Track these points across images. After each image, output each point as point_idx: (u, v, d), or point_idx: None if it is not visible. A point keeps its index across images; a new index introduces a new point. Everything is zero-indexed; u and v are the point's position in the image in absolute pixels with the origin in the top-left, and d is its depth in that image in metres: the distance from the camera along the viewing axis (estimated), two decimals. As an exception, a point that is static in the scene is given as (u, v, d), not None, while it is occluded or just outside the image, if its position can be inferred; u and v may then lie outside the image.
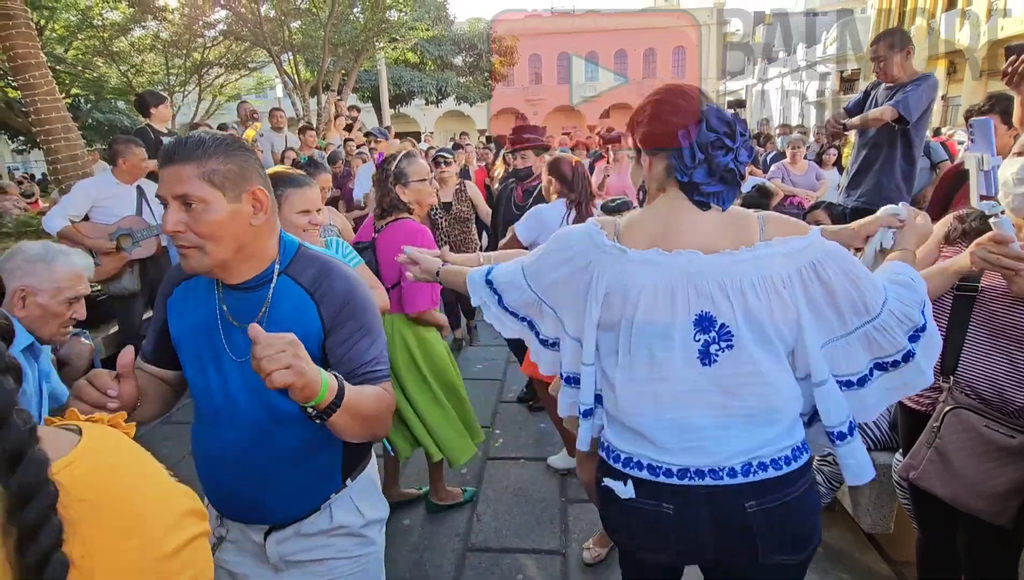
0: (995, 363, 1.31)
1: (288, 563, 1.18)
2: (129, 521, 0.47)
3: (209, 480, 1.14)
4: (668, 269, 1.00)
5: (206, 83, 13.40)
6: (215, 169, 0.97)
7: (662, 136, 1.03)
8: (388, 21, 11.74)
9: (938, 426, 1.37)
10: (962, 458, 1.33)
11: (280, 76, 11.21)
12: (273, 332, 0.92)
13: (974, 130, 1.35)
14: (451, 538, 2.31)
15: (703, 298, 0.99)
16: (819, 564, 2.12)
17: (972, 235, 1.41)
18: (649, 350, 1.02)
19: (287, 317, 1.07)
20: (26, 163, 21.02)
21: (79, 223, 3.39)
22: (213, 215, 0.97)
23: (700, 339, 1.00)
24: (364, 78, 16.52)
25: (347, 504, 1.20)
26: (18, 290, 1.43)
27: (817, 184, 5.04)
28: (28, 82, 4.53)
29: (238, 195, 0.99)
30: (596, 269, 1.04)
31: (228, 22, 11.44)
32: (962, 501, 1.34)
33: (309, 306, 1.09)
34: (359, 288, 1.14)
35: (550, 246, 1.14)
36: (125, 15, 11.05)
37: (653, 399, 1.04)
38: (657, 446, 1.04)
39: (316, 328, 1.08)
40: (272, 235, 1.09)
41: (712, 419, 1.03)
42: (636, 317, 1.01)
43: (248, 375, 1.04)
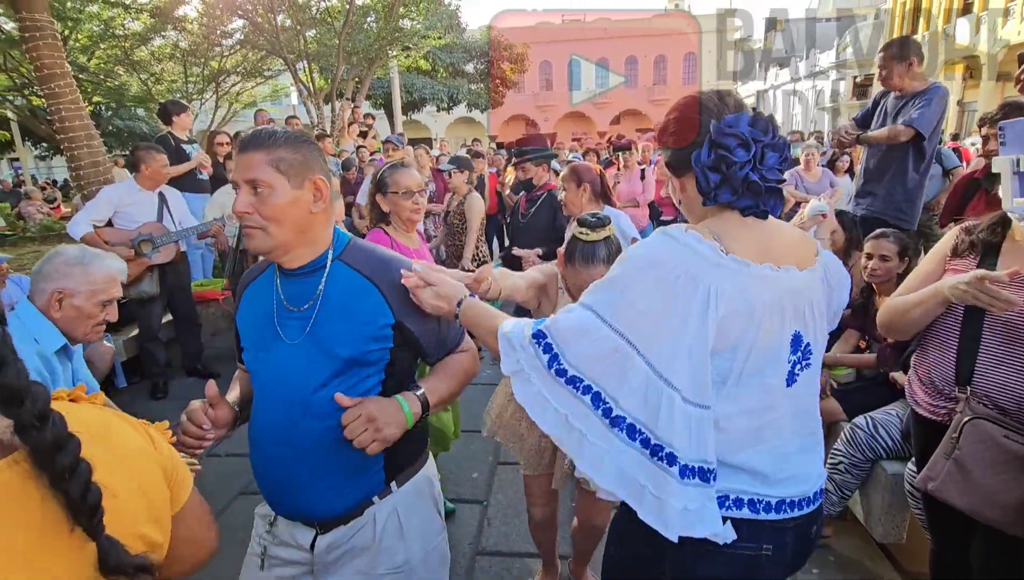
0: (1011, 372, 1.31)
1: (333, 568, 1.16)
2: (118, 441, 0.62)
3: (257, 463, 1.16)
4: (778, 286, 0.90)
5: (223, 91, 13.64)
6: (282, 157, 1.05)
7: (682, 161, 0.96)
8: (401, 30, 11.90)
9: (956, 437, 1.35)
10: (981, 469, 1.31)
11: (295, 84, 11.40)
12: (328, 309, 1.10)
13: (1005, 132, 1.31)
14: (461, 542, 2.33)
15: (798, 317, 0.93)
16: (830, 573, 2.11)
17: (980, 247, 1.42)
18: (760, 376, 0.90)
19: (342, 300, 1.12)
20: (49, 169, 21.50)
21: (101, 228, 3.48)
22: (277, 199, 1.04)
23: (791, 360, 0.93)
24: (377, 85, 16.72)
25: (392, 520, 1.16)
26: (55, 292, 1.48)
27: (830, 190, 5.02)
28: (53, 91, 4.66)
29: (301, 182, 1.06)
30: (710, 285, 0.85)
31: (245, 31, 11.66)
32: (980, 512, 1.32)
33: (370, 290, 1.13)
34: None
35: (631, 267, 0.89)
36: (146, 25, 11.31)
37: (757, 430, 0.92)
38: (757, 478, 0.92)
39: (384, 311, 1.12)
40: (328, 224, 1.15)
41: (797, 444, 0.96)
42: (757, 340, 0.88)
43: (295, 359, 1.11)
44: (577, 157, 6.74)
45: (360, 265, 1.15)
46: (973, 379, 1.36)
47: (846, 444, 2.18)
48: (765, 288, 0.88)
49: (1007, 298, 1.22)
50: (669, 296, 0.85)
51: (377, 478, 1.16)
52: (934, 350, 1.47)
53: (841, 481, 2.18)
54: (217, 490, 2.66)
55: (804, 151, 5.36)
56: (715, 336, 0.85)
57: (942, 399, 1.44)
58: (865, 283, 2.54)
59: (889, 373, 2.31)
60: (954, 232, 1.49)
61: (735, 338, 0.87)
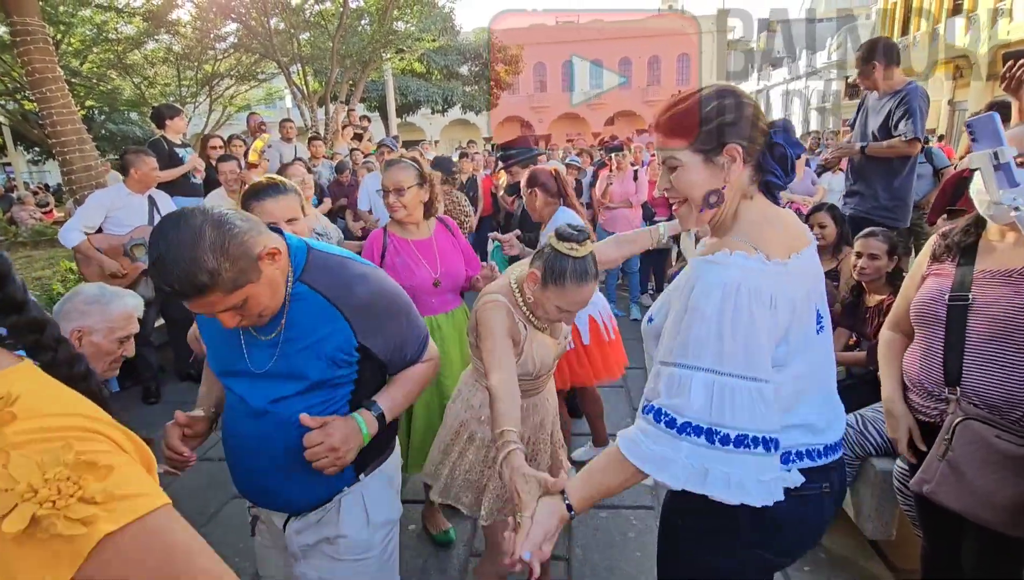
0: (996, 368, 1.32)
1: (304, 551, 1.26)
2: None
3: (232, 467, 1.25)
4: (804, 274, 1.03)
5: (216, 94, 13.61)
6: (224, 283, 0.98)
7: (755, 137, 1.00)
8: (395, 32, 11.91)
9: (949, 438, 1.36)
10: (974, 470, 1.32)
11: (289, 87, 11.38)
12: (294, 335, 1.11)
13: (975, 130, 1.32)
14: (456, 544, 2.33)
15: (816, 294, 1.07)
16: (823, 571, 2.12)
17: (955, 250, 1.44)
18: (803, 352, 1.01)
19: (307, 325, 1.14)
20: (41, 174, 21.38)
21: (92, 235, 3.47)
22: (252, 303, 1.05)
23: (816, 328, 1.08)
24: (371, 88, 16.71)
25: (357, 505, 1.25)
26: (75, 331, 1.49)
27: (813, 189, 5.06)
28: (45, 95, 4.64)
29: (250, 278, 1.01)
30: (772, 293, 0.95)
31: (239, 35, 11.64)
32: (975, 513, 1.33)
33: (331, 312, 1.14)
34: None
35: (742, 306, 0.91)
36: (139, 29, 11.27)
37: (801, 391, 1.04)
38: (809, 431, 1.05)
39: (348, 335, 1.14)
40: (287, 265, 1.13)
41: (831, 389, 1.12)
42: (800, 326, 1.00)
43: (265, 383, 1.14)
44: (574, 160, 6.75)
45: (322, 287, 1.14)
46: (962, 379, 1.37)
47: (836, 442, 2.20)
48: (799, 283, 1.00)
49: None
50: (750, 319, 0.92)
51: (347, 474, 1.23)
52: (922, 352, 1.48)
53: (832, 479, 2.20)
54: (211, 493, 2.67)
55: None
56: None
57: (933, 400, 1.45)
58: (855, 281, 2.56)
59: (878, 371, 2.33)
60: (932, 239, 1.52)
61: (785, 330, 0.98)
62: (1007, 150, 1.27)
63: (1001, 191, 1.28)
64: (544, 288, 1.40)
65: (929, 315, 1.44)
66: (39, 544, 0.44)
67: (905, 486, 1.83)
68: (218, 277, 0.94)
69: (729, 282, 0.93)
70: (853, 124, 3.37)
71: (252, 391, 1.15)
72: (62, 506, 0.45)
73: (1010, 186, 1.26)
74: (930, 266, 1.50)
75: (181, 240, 0.92)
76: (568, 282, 1.37)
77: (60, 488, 0.45)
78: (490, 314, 1.43)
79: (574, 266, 1.37)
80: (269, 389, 1.14)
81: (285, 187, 1.67)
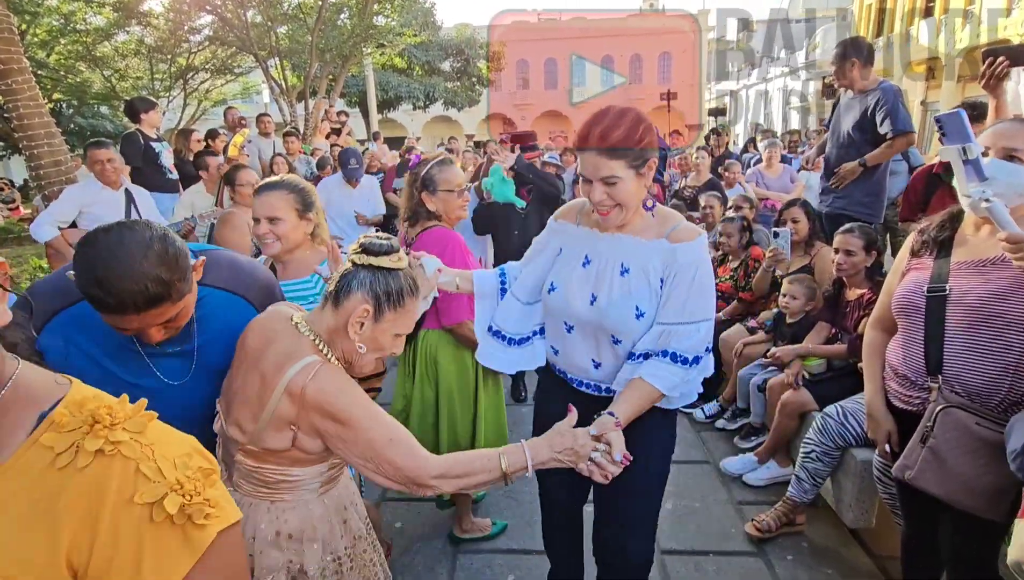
0: (976, 355, 1.36)
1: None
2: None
3: None
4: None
5: (191, 88, 13.29)
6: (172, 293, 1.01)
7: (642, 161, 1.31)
8: (375, 27, 11.74)
9: (931, 425, 1.39)
10: (955, 456, 1.35)
11: (267, 81, 11.16)
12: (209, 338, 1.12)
13: (944, 125, 1.35)
14: (443, 540, 2.32)
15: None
16: (804, 560, 2.16)
17: (932, 245, 1.48)
18: None
19: (219, 321, 1.16)
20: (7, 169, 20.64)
21: (66, 229, 3.35)
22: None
23: None
24: (351, 83, 16.49)
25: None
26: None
27: (791, 186, 5.14)
28: (10, 87, 4.47)
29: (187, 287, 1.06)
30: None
31: (214, 27, 11.36)
32: (956, 499, 1.36)
33: (237, 301, 1.19)
34: (263, 269, 1.32)
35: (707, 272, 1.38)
36: (109, 20, 10.93)
37: None
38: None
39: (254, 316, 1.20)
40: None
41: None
42: None
43: (184, 395, 1.11)
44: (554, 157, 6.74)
45: (222, 283, 1.18)
46: (942, 368, 1.40)
47: (817, 433, 2.24)
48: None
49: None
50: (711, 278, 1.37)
51: None
52: (904, 343, 1.51)
53: (813, 469, 2.24)
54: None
55: (766, 149, 5.46)
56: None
57: (915, 390, 1.49)
58: (836, 276, 2.61)
59: (858, 363, 2.38)
60: (912, 235, 1.56)
61: None
62: (975, 146, 1.31)
63: (971, 185, 1.32)
64: (379, 321, 1.13)
65: (909, 307, 1.47)
66: (175, 529, 0.58)
67: (885, 475, 1.87)
68: (171, 288, 0.96)
69: (706, 256, 1.35)
70: (828, 124, 3.43)
71: (171, 404, 1.04)
72: (197, 501, 0.59)
73: (979, 180, 1.30)
74: (910, 262, 1.54)
75: (132, 253, 0.90)
76: (406, 300, 1.15)
77: (195, 487, 0.59)
78: (334, 382, 1.07)
79: (406, 279, 1.16)
80: (194, 398, 1.13)
81: (280, 184, 1.69)
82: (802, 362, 2.59)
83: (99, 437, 0.57)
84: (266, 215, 1.66)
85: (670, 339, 1.31)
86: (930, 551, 1.61)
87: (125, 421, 0.60)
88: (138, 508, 0.57)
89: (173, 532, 0.58)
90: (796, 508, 2.27)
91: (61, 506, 0.55)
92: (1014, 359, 1.31)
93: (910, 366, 1.49)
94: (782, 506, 2.29)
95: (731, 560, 2.17)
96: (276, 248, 1.68)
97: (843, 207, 3.20)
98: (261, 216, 1.67)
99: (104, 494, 0.56)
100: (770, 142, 5.68)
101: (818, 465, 2.23)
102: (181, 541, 0.58)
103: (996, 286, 1.33)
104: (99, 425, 0.58)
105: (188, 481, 0.59)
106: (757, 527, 2.26)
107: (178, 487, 0.58)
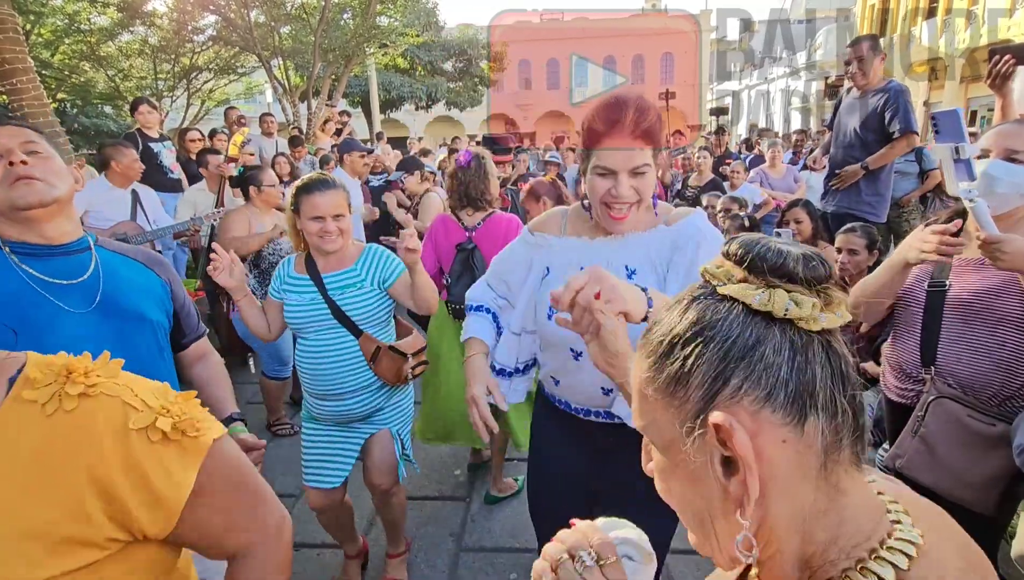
0: (969, 349, 1.37)
1: None
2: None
3: None
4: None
5: (195, 88, 13.32)
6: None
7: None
8: (378, 27, 11.77)
9: (923, 415, 1.41)
10: (946, 447, 1.37)
11: (270, 81, 11.19)
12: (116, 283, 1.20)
13: (939, 122, 1.37)
14: (445, 538, 2.33)
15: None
16: (806, 559, 2.16)
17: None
18: None
19: (125, 273, 1.24)
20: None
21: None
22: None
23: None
24: (354, 83, 16.51)
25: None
26: None
27: (795, 186, 5.14)
28: (15, 87, 4.50)
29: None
30: None
31: (217, 27, 11.40)
32: (946, 489, 1.37)
33: (143, 269, 1.29)
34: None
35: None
36: (113, 20, 10.97)
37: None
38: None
39: (162, 284, 1.31)
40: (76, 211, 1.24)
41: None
42: None
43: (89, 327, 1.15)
44: (555, 156, 6.76)
45: (122, 251, 1.29)
46: (937, 360, 1.43)
47: (820, 432, 2.24)
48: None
49: (959, 242, 1.32)
50: None
51: None
52: (902, 335, 1.53)
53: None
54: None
55: (769, 149, 5.46)
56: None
57: (910, 382, 1.51)
58: (838, 277, 2.60)
59: (860, 364, 2.38)
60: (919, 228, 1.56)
61: None
62: (968, 146, 1.33)
63: (960, 183, 1.33)
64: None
65: (909, 298, 1.50)
66: (174, 444, 0.65)
67: (888, 470, 1.87)
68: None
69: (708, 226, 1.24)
70: (831, 124, 3.42)
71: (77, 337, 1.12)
72: (186, 418, 0.66)
73: (969, 179, 1.32)
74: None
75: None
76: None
77: (180, 409, 0.66)
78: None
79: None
80: (101, 331, 1.15)
81: (334, 183, 1.75)
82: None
83: (78, 383, 0.61)
84: (332, 213, 1.74)
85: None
86: None
87: (97, 369, 0.64)
88: (134, 434, 0.62)
89: (171, 448, 0.64)
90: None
91: (60, 449, 0.59)
92: (1007, 354, 1.32)
93: (906, 358, 1.51)
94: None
95: (733, 559, 2.17)
96: (339, 243, 1.77)
97: (847, 206, 3.20)
98: (326, 214, 1.74)
99: (98, 430, 0.61)
100: (771, 142, 5.68)
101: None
102: (180, 453, 0.65)
103: (990, 283, 1.35)
104: (75, 373, 0.62)
105: (172, 405, 0.66)
106: (759, 526, 2.26)
107: (164, 411, 0.64)
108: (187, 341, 1.40)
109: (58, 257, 1.16)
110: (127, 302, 1.20)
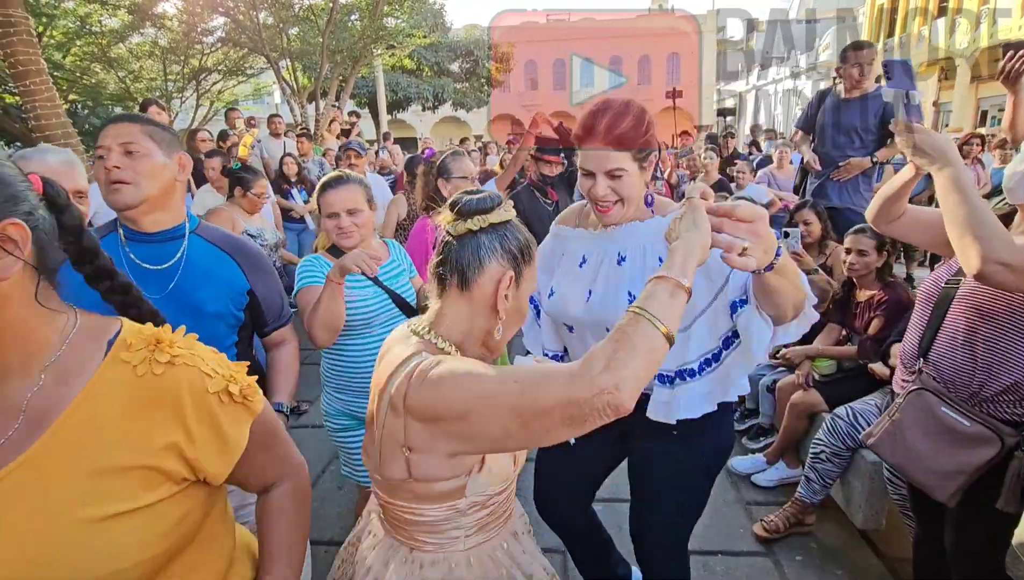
0: (961, 348, 1.39)
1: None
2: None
3: None
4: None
5: (204, 89, 13.42)
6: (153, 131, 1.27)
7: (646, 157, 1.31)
8: (385, 28, 11.82)
9: (901, 402, 1.48)
10: (915, 434, 1.43)
11: (278, 82, 11.26)
12: (190, 274, 1.30)
13: (891, 70, 1.40)
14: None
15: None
16: (813, 561, 2.15)
17: None
18: None
19: (203, 264, 1.33)
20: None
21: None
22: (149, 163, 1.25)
23: None
24: (361, 84, 16.60)
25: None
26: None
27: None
28: (28, 88, 4.55)
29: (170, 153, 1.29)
30: None
31: (226, 29, 11.48)
32: (906, 471, 1.46)
33: (227, 260, 1.37)
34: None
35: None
36: (124, 22, 11.07)
37: None
38: None
39: (240, 278, 1.38)
40: (183, 199, 1.35)
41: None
42: None
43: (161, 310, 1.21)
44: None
45: (215, 240, 1.37)
46: (929, 353, 1.46)
47: (827, 434, 2.23)
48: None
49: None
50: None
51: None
52: (912, 327, 1.56)
53: (823, 470, 2.23)
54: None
55: (777, 150, 5.45)
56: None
57: (906, 373, 1.55)
58: (846, 277, 2.59)
59: (868, 364, 2.37)
60: None
61: None
62: (917, 93, 1.38)
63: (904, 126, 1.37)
64: (519, 284, 0.96)
65: (926, 293, 1.53)
66: (237, 404, 0.80)
67: (895, 476, 1.87)
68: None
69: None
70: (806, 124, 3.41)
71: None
72: (246, 385, 0.82)
73: (918, 120, 1.35)
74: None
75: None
76: (533, 251, 0.99)
77: (240, 377, 0.81)
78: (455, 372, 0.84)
79: (520, 227, 1.00)
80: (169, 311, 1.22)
81: (348, 178, 1.76)
82: (812, 363, 2.58)
83: (165, 352, 0.75)
84: (346, 208, 1.72)
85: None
86: (943, 553, 1.60)
87: (178, 340, 0.78)
88: (211, 396, 0.77)
89: (237, 407, 0.80)
90: (805, 509, 2.27)
91: (151, 402, 0.73)
92: (982, 351, 1.34)
93: (906, 349, 1.55)
94: (791, 507, 2.28)
95: (740, 560, 2.17)
96: (356, 239, 1.75)
97: (852, 204, 3.19)
98: (340, 209, 1.72)
99: (182, 392, 0.74)
100: (781, 143, 5.66)
101: (828, 466, 2.22)
102: (243, 410, 0.81)
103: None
104: (163, 342, 0.76)
105: (234, 374, 0.81)
106: (765, 527, 2.25)
107: (232, 379, 0.80)
108: (268, 329, 1.51)
109: (153, 243, 1.29)
110: (192, 295, 1.29)
